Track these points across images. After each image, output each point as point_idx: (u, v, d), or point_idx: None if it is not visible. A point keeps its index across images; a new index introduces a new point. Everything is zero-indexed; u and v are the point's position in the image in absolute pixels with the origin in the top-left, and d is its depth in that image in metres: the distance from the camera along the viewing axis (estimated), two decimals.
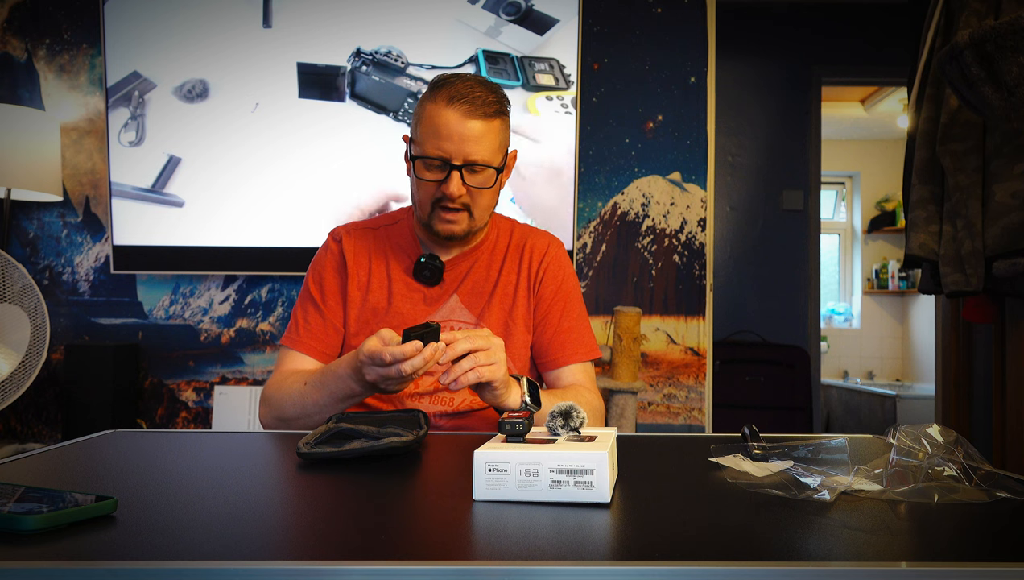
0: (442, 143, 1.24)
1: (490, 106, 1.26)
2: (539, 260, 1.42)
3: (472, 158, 1.25)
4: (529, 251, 1.42)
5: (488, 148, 1.26)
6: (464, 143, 1.24)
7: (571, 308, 1.41)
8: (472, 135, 1.24)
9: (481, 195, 1.30)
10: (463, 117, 1.24)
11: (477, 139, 1.25)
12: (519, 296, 1.39)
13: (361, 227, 1.45)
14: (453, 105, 1.24)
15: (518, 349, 1.38)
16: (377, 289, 1.37)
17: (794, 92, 4.08)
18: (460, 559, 0.54)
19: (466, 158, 1.25)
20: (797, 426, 3.87)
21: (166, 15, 2.55)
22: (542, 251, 1.43)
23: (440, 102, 1.25)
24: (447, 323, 1.36)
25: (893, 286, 5.76)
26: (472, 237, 1.38)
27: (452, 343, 1.07)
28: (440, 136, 1.24)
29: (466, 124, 1.24)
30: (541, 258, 1.42)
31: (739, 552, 0.57)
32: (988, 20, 1.93)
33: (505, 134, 1.32)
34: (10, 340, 2.12)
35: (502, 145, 1.31)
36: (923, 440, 0.77)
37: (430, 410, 1.31)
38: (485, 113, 1.25)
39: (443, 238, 1.33)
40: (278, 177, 2.55)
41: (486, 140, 1.26)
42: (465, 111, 1.24)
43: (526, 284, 1.40)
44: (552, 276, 1.41)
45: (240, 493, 0.76)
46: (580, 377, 1.39)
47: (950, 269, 2.03)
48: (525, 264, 1.41)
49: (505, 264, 1.41)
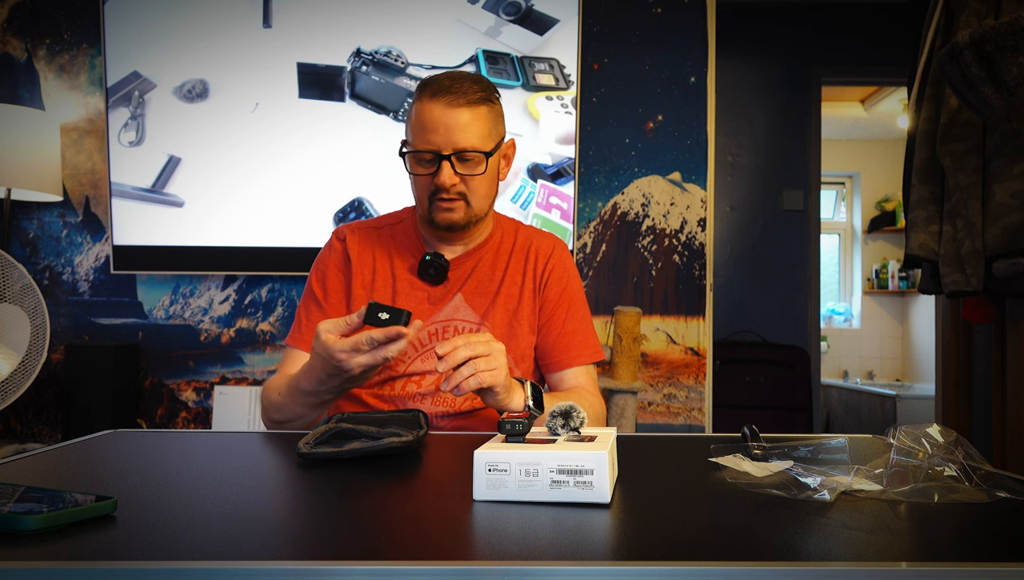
0: (429, 136, 1.26)
1: (474, 94, 1.27)
2: (544, 261, 1.42)
3: (460, 146, 1.26)
4: (535, 252, 1.42)
5: (476, 135, 1.27)
6: (450, 132, 1.26)
7: (575, 310, 1.41)
8: (457, 123, 1.25)
9: (476, 183, 1.30)
10: (446, 107, 1.25)
11: (463, 127, 1.26)
12: (524, 297, 1.39)
13: (365, 226, 1.45)
14: (436, 98, 1.26)
15: (523, 350, 1.38)
16: (382, 288, 1.38)
17: (794, 92, 4.08)
18: (460, 559, 0.54)
19: (454, 147, 1.26)
20: (797, 426, 3.87)
21: (166, 15, 2.55)
22: (547, 252, 1.43)
23: (425, 98, 1.27)
24: (451, 322, 1.36)
25: (893, 286, 5.76)
26: (475, 229, 1.38)
27: (453, 351, 1.07)
28: (427, 129, 1.26)
29: (450, 113, 1.25)
30: (547, 259, 1.42)
31: (739, 552, 0.57)
32: (988, 20, 1.93)
33: (494, 121, 1.32)
34: (10, 340, 2.12)
35: (492, 132, 1.31)
36: (923, 440, 0.77)
37: (431, 411, 1.31)
38: (468, 101, 1.26)
39: (443, 228, 1.33)
40: (278, 177, 2.55)
41: (473, 127, 1.27)
42: (448, 101, 1.25)
43: (531, 285, 1.40)
44: (557, 278, 1.41)
45: (240, 493, 0.75)
46: (583, 380, 1.39)
47: (950, 269, 2.03)
48: (531, 265, 1.41)
49: (510, 264, 1.41)
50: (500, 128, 1.34)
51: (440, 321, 1.36)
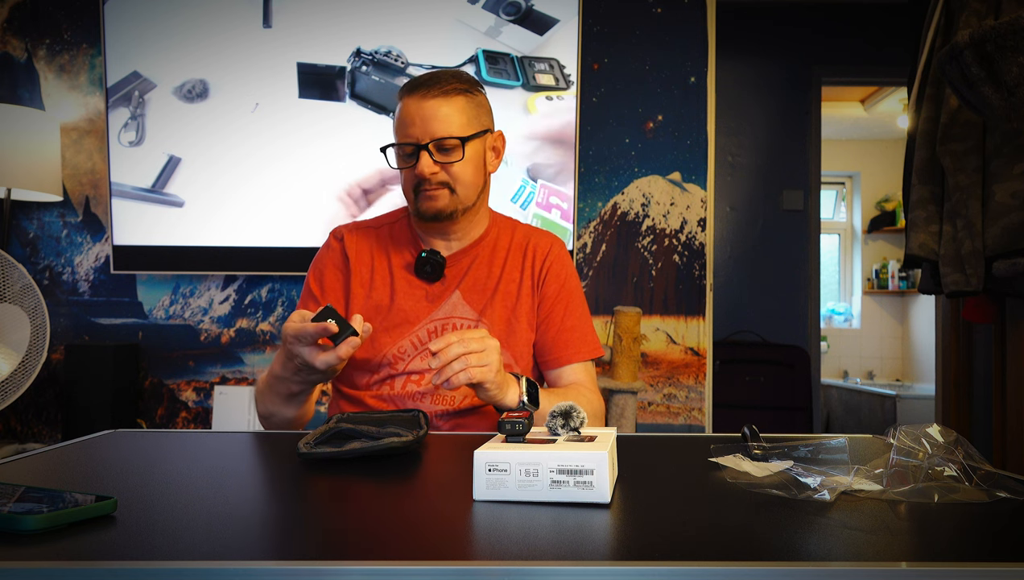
0: (407, 129, 1.29)
1: (449, 84, 1.29)
2: (542, 259, 1.42)
3: (437, 135, 1.28)
4: (532, 249, 1.43)
5: (453, 123, 1.29)
6: (426, 122, 1.27)
7: (574, 307, 1.42)
8: (433, 114, 1.28)
9: (457, 170, 1.31)
10: (421, 99, 1.28)
11: (439, 117, 1.28)
12: (523, 294, 1.39)
13: (363, 226, 1.46)
14: (413, 92, 1.29)
15: (521, 348, 1.38)
16: (380, 286, 1.38)
17: (794, 92, 4.08)
18: (460, 559, 0.54)
19: (432, 136, 1.28)
20: (797, 426, 3.87)
21: (166, 15, 2.55)
22: (545, 250, 1.43)
23: (403, 95, 1.31)
24: (449, 320, 1.36)
25: (893, 286, 5.75)
26: (468, 223, 1.39)
27: (446, 347, 1.09)
28: (405, 123, 1.29)
29: (425, 105, 1.28)
30: (544, 256, 1.42)
31: (739, 552, 0.57)
32: (988, 20, 1.93)
33: (474, 112, 1.32)
34: (10, 340, 2.12)
35: (471, 121, 1.31)
36: (923, 440, 0.77)
37: (431, 409, 1.31)
38: (443, 91, 1.29)
39: (430, 218, 1.33)
40: (278, 177, 2.55)
41: (449, 117, 1.28)
42: (423, 93, 1.28)
43: (529, 282, 1.40)
44: (555, 275, 1.42)
45: (240, 493, 0.75)
46: (581, 376, 1.40)
47: (950, 269, 2.03)
48: (528, 262, 1.41)
49: (508, 261, 1.41)
50: (484, 119, 1.35)
51: (439, 319, 1.36)
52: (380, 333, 1.34)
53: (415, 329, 1.35)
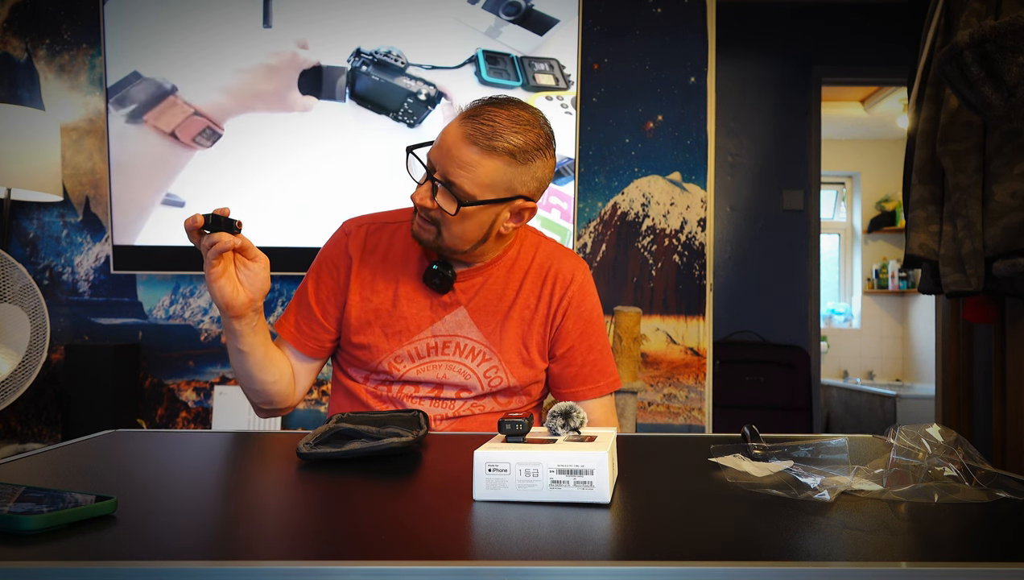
0: (434, 149, 1.20)
1: (498, 140, 1.15)
2: (563, 290, 1.34)
3: (451, 179, 1.17)
4: (553, 277, 1.34)
5: (473, 180, 1.16)
6: (450, 161, 1.16)
7: (595, 341, 1.37)
8: (461, 156, 1.16)
9: (448, 219, 1.20)
10: (462, 137, 1.16)
11: (464, 163, 1.16)
12: (535, 323, 1.33)
13: (376, 221, 1.38)
14: (464, 121, 1.17)
15: (535, 376, 1.35)
16: (383, 289, 1.33)
17: (794, 92, 4.08)
18: (460, 559, 0.54)
19: (444, 175, 1.17)
20: (797, 426, 3.87)
21: (166, 15, 2.55)
22: (567, 280, 1.34)
23: (464, 110, 1.20)
24: (453, 338, 1.31)
25: (893, 286, 5.75)
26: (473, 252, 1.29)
27: None
28: (438, 142, 1.19)
29: (461, 144, 1.16)
30: (566, 289, 1.34)
31: (739, 552, 0.57)
32: (988, 20, 1.93)
33: (507, 178, 1.18)
34: (10, 340, 2.12)
35: (496, 185, 1.18)
36: (923, 440, 0.77)
37: (431, 412, 1.31)
38: (486, 144, 1.15)
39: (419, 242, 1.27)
40: (278, 177, 2.55)
41: (474, 170, 1.16)
42: (467, 130, 1.16)
43: (544, 312, 1.33)
44: (577, 310, 1.35)
45: (240, 493, 0.76)
46: (597, 415, 1.36)
47: (950, 269, 2.03)
48: (547, 291, 1.33)
49: (524, 284, 1.33)
50: (517, 187, 1.20)
51: (442, 335, 1.31)
52: (378, 337, 1.31)
53: (415, 339, 1.31)
